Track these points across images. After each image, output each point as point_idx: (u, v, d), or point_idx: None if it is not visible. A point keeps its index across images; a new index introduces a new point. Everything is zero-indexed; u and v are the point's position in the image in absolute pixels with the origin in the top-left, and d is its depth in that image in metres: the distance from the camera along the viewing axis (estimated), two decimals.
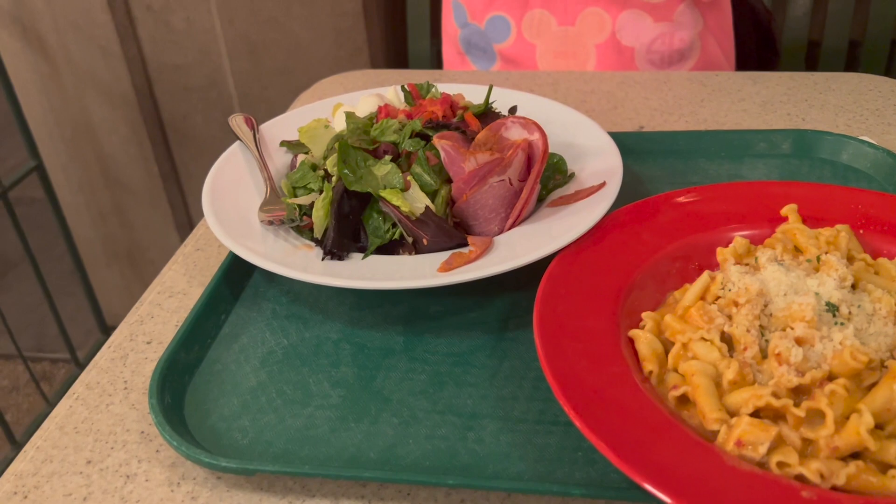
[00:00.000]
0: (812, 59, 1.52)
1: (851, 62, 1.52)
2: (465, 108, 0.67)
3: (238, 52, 1.68)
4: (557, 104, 0.76)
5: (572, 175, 0.66)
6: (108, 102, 1.80)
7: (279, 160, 0.72)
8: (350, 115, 0.66)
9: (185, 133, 1.83)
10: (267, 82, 1.71)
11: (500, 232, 0.61)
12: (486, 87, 0.70)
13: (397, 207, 0.58)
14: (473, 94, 0.76)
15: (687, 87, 0.93)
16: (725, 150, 0.76)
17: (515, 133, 0.62)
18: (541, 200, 0.65)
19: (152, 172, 1.89)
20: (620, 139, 0.77)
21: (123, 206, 1.98)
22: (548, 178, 0.65)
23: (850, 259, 0.54)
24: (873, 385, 0.43)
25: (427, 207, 0.58)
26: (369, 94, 0.73)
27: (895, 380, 0.42)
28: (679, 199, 0.61)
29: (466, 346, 0.55)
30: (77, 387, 0.55)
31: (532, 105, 0.76)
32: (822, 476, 0.39)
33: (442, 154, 0.60)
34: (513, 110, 0.73)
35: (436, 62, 1.52)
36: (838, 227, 0.56)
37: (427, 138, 0.63)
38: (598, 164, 0.66)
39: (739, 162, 0.74)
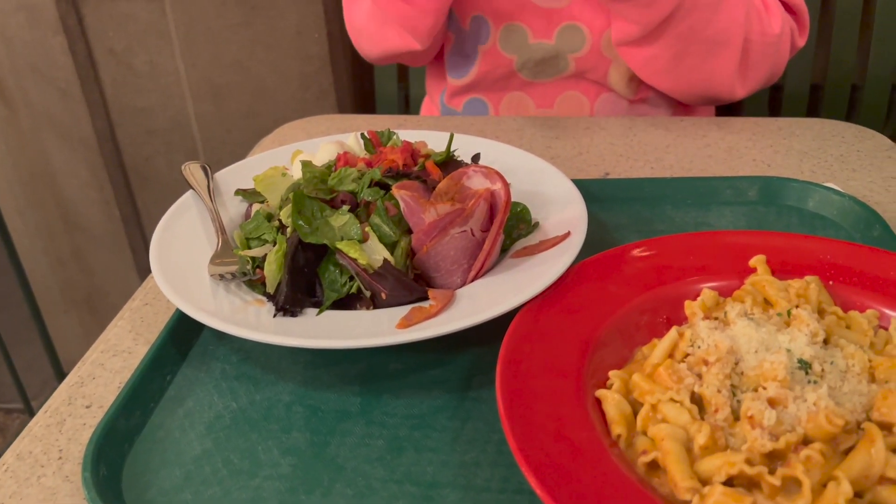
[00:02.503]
0: (775, 103, 1.54)
1: (813, 106, 1.54)
2: (427, 156, 0.65)
3: (202, 95, 1.66)
4: (521, 151, 0.74)
5: (536, 224, 0.64)
6: (68, 146, 1.76)
7: (235, 210, 0.70)
8: (307, 164, 0.63)
9: (148, 176, 1.79)
10: (231, 125, 1.68)
11: (463, 284, 0.58)
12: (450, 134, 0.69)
13: (354, 260, 0.56)
14: (437, 141, 0.74)
15: (652, 132, 0.93)
16: (692, 197, 0.75)
17: (477, 182, 0.60)
18: (504, 251, 0.63)
19: (113, 216, 1.85)
20: (585, 186, 0.76)
21: (83, 251, 1.93)
22: (511, 228, 0.63)
23: (820, 312, 0.52)
24: (850, 449, 0.41)
25: (385, 260, 0.56)
26: (329, 142, 0.71)
27: (872, 444, 0.40)
28: (645, 250, 0.60)
29: (427, 408, 0.53)
30: (7, 457, 0.51)
31: (495, 152, 0.75)
32: None
33: (401, 204, 0.58)
34: (475, 158, 0.71)
35: (403, 106, 1.52)
36: (808, 278, 0.54)
37: (387, 187, 0.60)
38: (563, 213, 0.65)
39: (706, 209, 0.73)
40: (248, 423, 0.52)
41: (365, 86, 1.56)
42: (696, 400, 0.46)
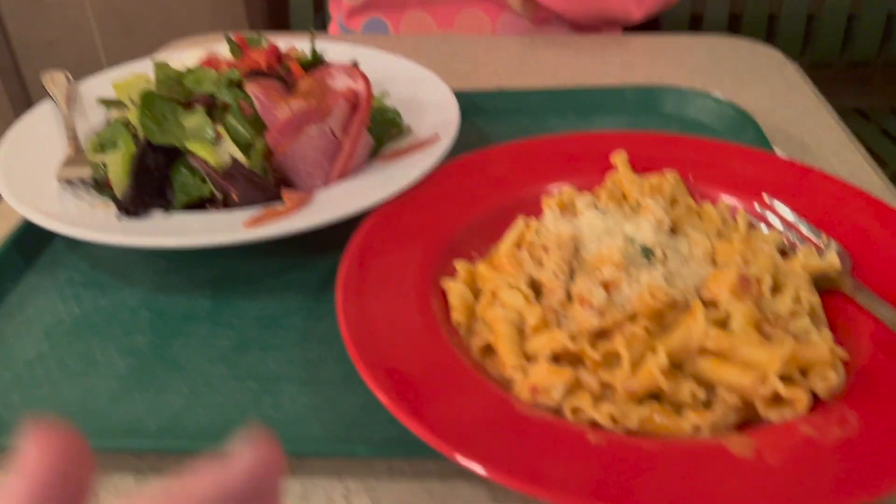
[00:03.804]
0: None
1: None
2: (295, 59, 0.63)
3: (110, 28, 1.58)
4: (403, 59, 0.72)
5: (408, 130, 0.63)
6: None
7: (99, 120, 0.66)
8: (161, 65, 0.60)
9: None
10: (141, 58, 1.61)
11: (325, 186, 0.57)
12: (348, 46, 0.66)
13: (205, 161, 0.53)
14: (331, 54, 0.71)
15: (551, 49, 0.91)
16: (576, 109, 0.74)
17: (340, 82, 0.58)
18: (375, 156, 0.61)
19: None
20: (472, 98, 0.74)
21: None
22: (381, 132, 0.61)
23: (674, 204, 0.52)
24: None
25: (235, 160, 0.53)
26: (199, 49, 0.68)
27: (693, 318, 0.40)
28: (511, 152, 0.59)
29: (280, 309, 0.51)
30: None
31: (376, 60, 0.72)
32: (614, 420, 0.37)
33: (255, 102, 0.55)
34: (353, 65, 0.68)
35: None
36: (666, 173, 0.54)
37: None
38: (437, 119, 0.63)
39: (589, 119, 0.72)
40: (89, 328, 0.50)
41: (279, 12, 1.51)
42: (537, 287, 0.45)
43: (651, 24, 1.41)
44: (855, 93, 1.62)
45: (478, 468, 0.34)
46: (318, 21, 1.44)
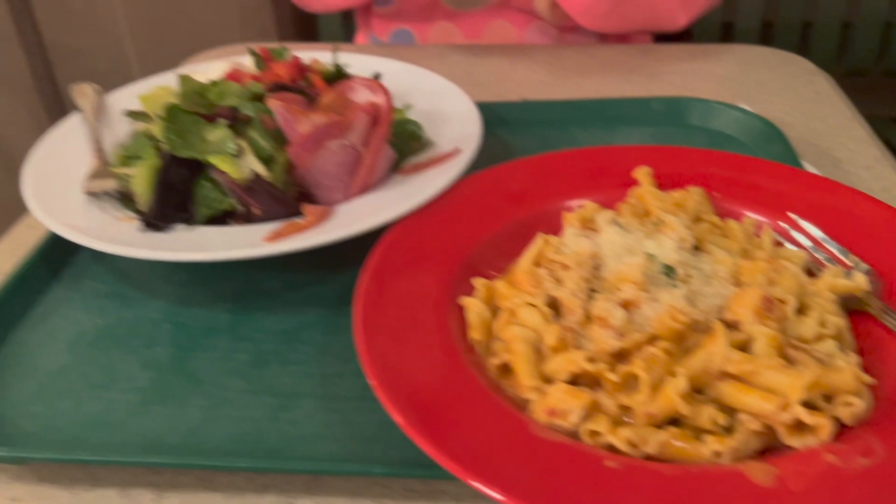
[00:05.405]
0: (726, 41, 1.52)
1: (765, 44, 1.52)
2: (317, 72, 0.63)
3: (141, 35, 1.61)
4: (425, 71, 0.72)
5: (430, 143, 0.63)
6: (6, 89, 1.71)
7: (125, 132, 0.67)
8: (186, 78, 0.61)
9: None
10: (172, 65, 1.63)
11: (346, 200, 0.57)
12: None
13: (227, 174, 0.54)
14: (360, 70, 0.71)
15: (577, 59, 0.90)
16: (601, 120, 0.73)
17: (362, 96, 0.58)
18: (396, 169, 0.61)
19: None
20: (496, 109, 0.74)
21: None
22: (403, 146, 0.61)
23: (699, 221, 0.51)
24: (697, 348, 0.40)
25: (257, 174, 0.54)
26: (224, 61, 0.69)
27: (714, 341, 0.39)
28: (532, 165, 0.58)
29: (298, 323, 0.51)
30: None
31: (400, 73, 0.72)
32: (632, 444, 0.37)
33: (277, 116, 0.55)
34: (376, 77, 0.69)
35: (348, 41, 1.47)
36: (690, 188, 0.53)
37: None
38: (459, 132, 0.63)
39: (614, 131, 0.72)
40: (111, 339, 0.50)
41: (308, 21, 1.52)
42: (556, 305, 0.45)
43: (681, 32, 1.40)
44: (892, 102, 1.58)
45: (494, 493, 0.33)
46: (347, 30, 1.45)
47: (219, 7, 1.56)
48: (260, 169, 0.54)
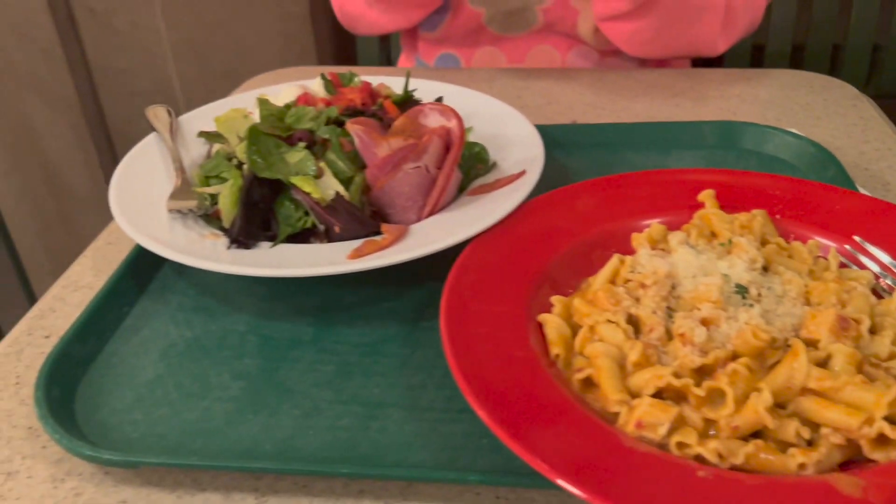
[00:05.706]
0: (757, 64, 1.54)
1: (795, 67, 1.54)
2: (386, 96, 0.66)
3: (183, 56, 1.65)
4: (483, 95, 0.75)
5: (494, 164, 0.65)
6: (51, 107, 1.76)
7: (198, 152, 0.70)
8: (264, 102, 0.64)
9: (131, 138, 1.77)
10: (213, 86, 1.68)
11: (418, 220, 0.59)
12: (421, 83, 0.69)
13: (308, 194, 0.56)
14: (401, 87, 0.74)
15: (622, 83, 0.93)
16: (653, 143, 0.75)
17: (433, 120, 0.60)
18: (462, 190, 0.63)
19: (97, 179, 1.85)
20: (550, 132, 0.76)
21: (68, 214, 1.93)
22: (469, 168, 0.64)
23: (764, 243, 0.53)
24: (777, 364, 0.42)
25: (338, 194, 0.56)
26: (292, 85, 0.72)
27: (795, 358, 0.41)
28: (598, 188, 0.60)
29: (378, 336, 0.54)
30: None
31: (459, 97, 0.75)
32: (720, 456, 0.38)
33: (355, 140, 0.58)
34: (438, 101, 0.71)
35: (385, 64, 1.51)
36: (754, 211, 0.55)
37: (344, 126, 0.61)
38: (522, 154, 0.65)
39: (666, 154, 0.74)
40: (201, 351, 0.53)
41: (346, 44, 1.55)
42: (633, 322, 0.47)
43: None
44: None
45: (591, 498, 0.35)
46: (384, 53, 1.49)
47: (260, 30, 1.60)
48: (341, 190, 0.56)
